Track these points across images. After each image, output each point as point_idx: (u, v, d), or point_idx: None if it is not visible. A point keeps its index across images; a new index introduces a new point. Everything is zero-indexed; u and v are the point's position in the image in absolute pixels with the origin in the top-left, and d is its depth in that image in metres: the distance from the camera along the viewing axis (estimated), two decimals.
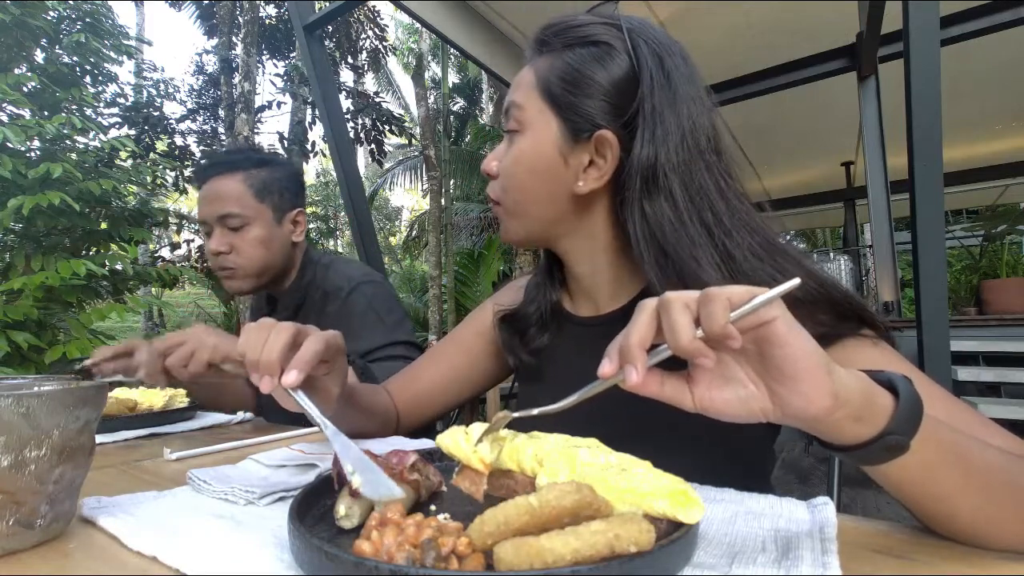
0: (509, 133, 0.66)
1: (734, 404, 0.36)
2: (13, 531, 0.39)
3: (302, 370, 0.50)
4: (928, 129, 1.30)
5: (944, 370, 1.27)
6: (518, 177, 0.65)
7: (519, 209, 0.67)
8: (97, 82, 3.47)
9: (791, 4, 2.67)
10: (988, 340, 2.66)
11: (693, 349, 0.34)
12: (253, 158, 1.21)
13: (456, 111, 12.32)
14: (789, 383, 0.34)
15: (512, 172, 0.66)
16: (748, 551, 0.37)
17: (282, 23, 7.88)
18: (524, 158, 0.64)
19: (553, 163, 0.63)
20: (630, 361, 0.35)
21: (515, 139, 0.65)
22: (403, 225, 19.31)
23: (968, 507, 0.38)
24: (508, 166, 0.66)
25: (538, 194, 0.65)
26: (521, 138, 0.65)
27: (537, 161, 0.64)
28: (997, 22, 2.53)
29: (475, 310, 0.88)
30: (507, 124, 0.67)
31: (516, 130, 0.65)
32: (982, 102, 4.08)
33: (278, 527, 0.41)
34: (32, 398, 0.39)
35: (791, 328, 0.34)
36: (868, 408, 0.34)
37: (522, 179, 0.65)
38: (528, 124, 0.64)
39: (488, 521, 0.32)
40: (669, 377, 0.37)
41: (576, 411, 0.68)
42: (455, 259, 9.40)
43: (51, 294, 2.72)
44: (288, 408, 0.54)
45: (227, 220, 1.15)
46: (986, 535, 0.38)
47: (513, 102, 0.66)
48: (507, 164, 0.66)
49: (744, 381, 0.36)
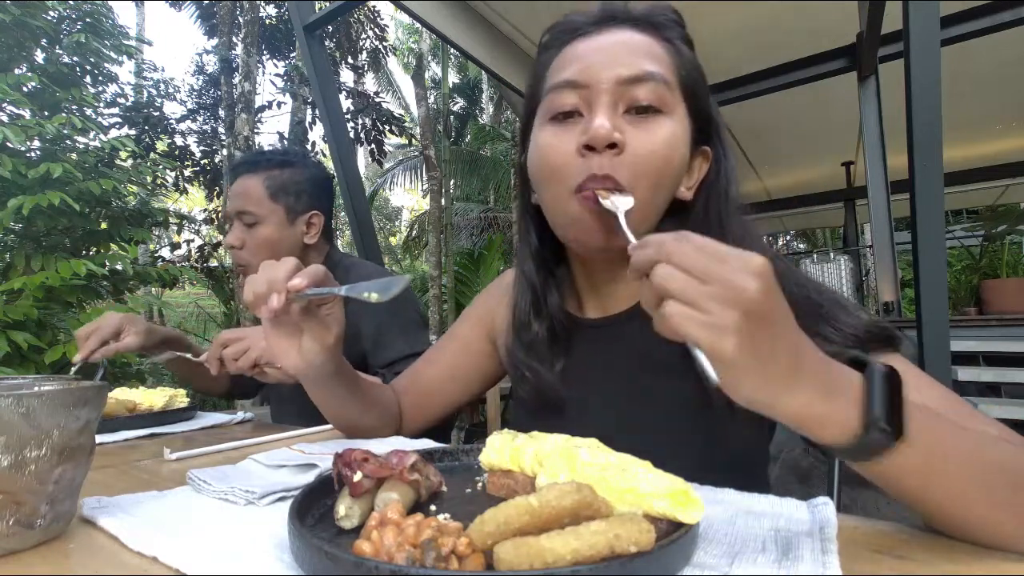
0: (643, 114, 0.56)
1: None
2: (13, 531, 0.39)
3: (307, 277, 0.53)
4: (928, 129, 1.30)
5: (944, 370, 1.27)
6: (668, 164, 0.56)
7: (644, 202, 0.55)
8: (97, 82, 3.47)
9: (791, 4, 2.67)
10: (988, 340, 2.66)
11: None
12: (276, 159, 1.23)
13: (456, 111, 12.31)
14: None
15: (662, 157, 0.55)
16: (748, 551, 0.37)
17: (282, 23, 7.87)
18: (676, 144, 0.56)
19: (687, 159, 0.59)
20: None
21: (656, 119, 0.56)
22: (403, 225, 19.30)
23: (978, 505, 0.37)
24: (659, 148, 0.55)
25: (669, 186, 0.59)
26: (668, 121, 0.56)
27: (683, 152, 0.58)
28: (997, 22, 2.53)
29: (468, 307, 0.86)
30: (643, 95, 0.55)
31: (660, 110, 0.56)
32: (982, 102, 4.07)
33: (278, 527, 0.41)
34: (32, 398, 0.39)
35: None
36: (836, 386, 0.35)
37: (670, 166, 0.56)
38: (674, 108, 0.57)
39: (488, 521, 0.32)
40: None
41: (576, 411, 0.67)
42: (455, 259, 9.39)
43: (51, 294, 2.71)
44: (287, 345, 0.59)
45: (243, 217, 1.19)
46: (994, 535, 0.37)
47: (660, 75, 0.55)
48: (657, 146, 0.55)
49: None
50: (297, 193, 1.22)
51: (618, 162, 0.54)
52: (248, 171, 1.21)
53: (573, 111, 0.57)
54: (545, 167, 0.58)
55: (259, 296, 0.54)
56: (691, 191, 0.62)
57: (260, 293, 0.54)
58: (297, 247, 1.24)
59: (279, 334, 0.59)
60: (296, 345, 0.60)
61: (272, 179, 1.20)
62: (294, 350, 0.60)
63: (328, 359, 0.61)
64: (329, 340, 0.60)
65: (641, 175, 0.54)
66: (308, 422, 0.93)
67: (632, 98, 0.55)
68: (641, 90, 0.55)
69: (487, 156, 10.76)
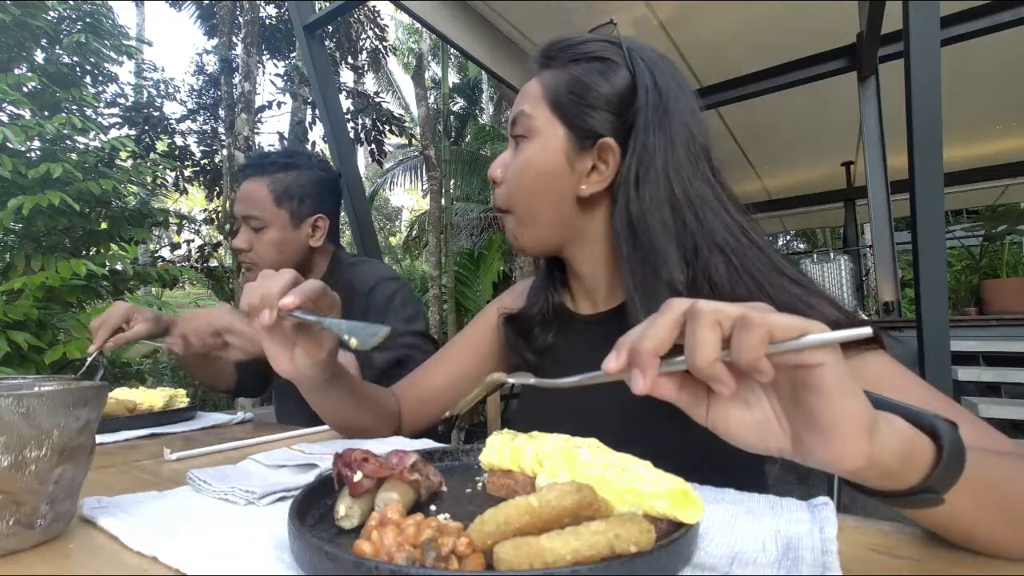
0: (516, 139, 0.70)
1: (748, 432, 0.33)
2: (13, 531, 0.39)
3: (299, 295, 0.54)
4: (928, 129, 1.30)
5: (944, 370, 1.27)
6: (527, 180, 0.68)
7: (528, 214, 0.69)
8: (97, 82, 3.46)
9: (791, 4, 2.67)
10: (988, 340, 2.66)
11: (712, 373, 0.30)
12: (281, 162, 1.24)
13: (456, 111, 12.31)
14: (820, 436, 0.30)
15: (521, 176, 0.69)
16: (748, 551, 0.37)
17: (282, 23, 7.87)
18: (533, 162, 0.68)
19: (560, 167, 0.67)
20: (639, 366, 0.32)
21: (523, 145, 0.69)
22: (403, 225, 19.30)
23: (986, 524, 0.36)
24: (517, 170, 0.69)
25: (545, 196, 0.68)
26: (529, 144, 0.68)
27: (545, 165, 0.67)
28: (997, 22, 2.53)
29: (479, 313, 0.90)
30: (514, 131, 0.70)
31: (524, 136, 0.69)
32: (982, 102, 4.07)
33: (278, 527, 0.41)
34: (32, 398, 0.39)
35: (840, 380, 0.29)
36: (905, 467, 0.31)
37: (531, 181, 0.68)
38: (536, 131, 0.68)
39: (488, 521, 0.32)
40: (688, 383, 0.34)
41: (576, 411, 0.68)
42: (455, 259, 9.40)
43: (51, 294, 2.71)
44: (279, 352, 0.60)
45: (249, 221, 1.21)
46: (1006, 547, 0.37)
47: (522, 112, 0.69)
48: (516, 168, 0.69)
49: (767, 412, 0.33)
50: (301, 197, 1.23)
51: (501, 191, 0.71)
52: (253, 175, 1.23)
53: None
54: None
55: (252, 308, 0.55)
56: (600, 184, 0.66)
57: (253, 305, 0.55)
58: (302, 249, 1.25)
59: (274, 340, 0.60)
60: (288, 354, 0.61)
61: (277, 183, 1.22)
62: (286, 358, 0.61)
63: (320, 371, 0.62)
64: (320, 356, 0.61)
65: (512, 195, 0.70)
66: (312, 420, 0.93)
67: (513, 136, 0.70)
68: (514, 128, 0.70)
69: (487, 156, 10.75)
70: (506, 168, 0.71)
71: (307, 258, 1.28)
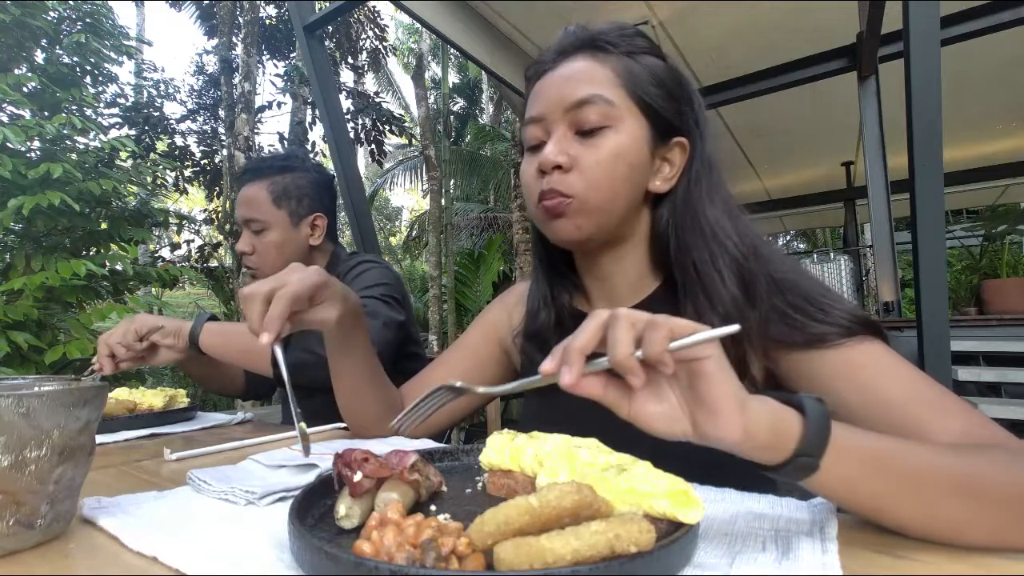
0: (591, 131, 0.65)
1: (660, 420, 0.39)
2: (13, 531, 0.39)
3: (272, 330, 0.56)
4: (928, 129, 1.30)
5: (944, 370, 1.27)
6: (618, 170, 0.65)
7: (606, 204, 0.65)
8: (97, 82, 3.46)
9: (791, 4, 2.67)
10: (988, 340, 2.65)
11: (627, 366, 0.37)
12: (277, 165, 1.28)
13: (456, 111, 12.31)
14: (708, 414, 0.37)
15: (612, 166, 0.64)
16: (748, 551, 0.37)
17: (282, 23, 7.87)
18: (624, 153, 0.65)
19: (645, 160, 0.66)
20: (567, 363, 0.37)
21: (604, 134, 0.65)
22: (403, 225, 19.30)
23: (909, 514, 0.39)
24: (606, 159, 0.64)
25: (628, 187, 0.66)
26: (614, 133, 0.65)
27: (634, 156, 0.65)
28: (997, 22, 2.53)
29: (480, 315, 0.90)
30: (584, 114, 0.65)
31: (606, 125, 0.65)
32: (982, 102, 4.07)
33: (278, 527, 0.41)
34: (32, 398, 0.39)
35: (720, 368, 0.37)
36: (776, 438, 0.38)
37: (622, 172, 0.65)
38: (620, 120, 0.65)
39: (488, 521, 0.32)
40: (612, 383, 0.39)
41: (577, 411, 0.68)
42: (455, 259, 9.40)
43: (51, 294, 2.71)
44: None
45: (250, 224, 1.25)
46: (951, 537, 0.39)
47: (599, 96, 0.64)
48: (604, 157, 0.64)
49: (672, 402, 0.39)
50: (299, 197, 1.27)
51: (566, 178, 0.65)
52: (252, 179, 1.26)
53: (538, 144, 0.68)
54: (523, 187, 0.72)
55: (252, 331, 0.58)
56: (670, 182, 0.68)
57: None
58: (303, 249, 1.28)
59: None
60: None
61: (275, 185, 1.25)
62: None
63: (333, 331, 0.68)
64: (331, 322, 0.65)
65: (593, 185, 0.65)
66: (317, 420, 0.93)
67: (579, 121, 0.65)
68: (584, 113, 0.65)
69: (487, 156, 10.75)
70: (571, 155, 0.65)
71: (307, 257, 1.30)
